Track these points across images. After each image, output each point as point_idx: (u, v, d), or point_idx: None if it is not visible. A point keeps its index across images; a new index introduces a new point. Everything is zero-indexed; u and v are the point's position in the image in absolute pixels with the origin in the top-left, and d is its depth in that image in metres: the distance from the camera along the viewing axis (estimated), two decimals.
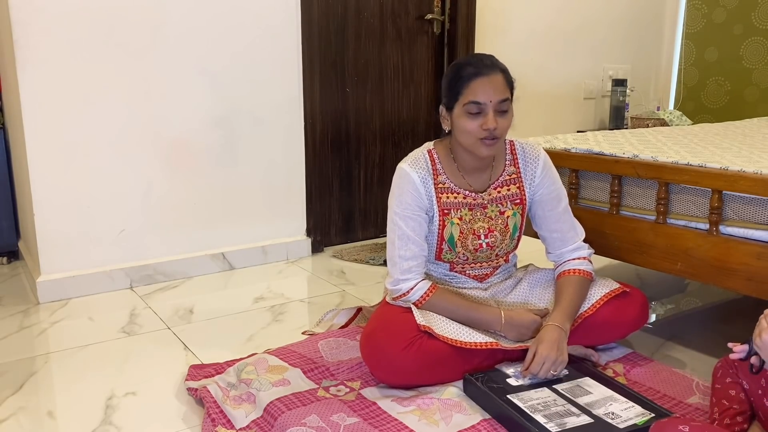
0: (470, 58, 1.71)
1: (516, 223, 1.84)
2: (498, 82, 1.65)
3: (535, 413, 1.47)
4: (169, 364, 1.92)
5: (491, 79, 1.65)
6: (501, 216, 1.82)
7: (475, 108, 1.65)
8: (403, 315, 1.69)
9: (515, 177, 1.84)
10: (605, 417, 1.46)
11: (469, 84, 1.65)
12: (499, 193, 1.83)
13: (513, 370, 1.65)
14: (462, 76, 1.66)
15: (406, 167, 1.77)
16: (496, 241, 1.82)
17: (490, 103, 1.64)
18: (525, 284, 1.91)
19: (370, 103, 3.24)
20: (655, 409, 1.48)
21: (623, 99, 3.99)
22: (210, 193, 2.76)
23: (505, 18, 3.63)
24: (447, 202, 1.78)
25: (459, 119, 1.68)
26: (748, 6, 3.99)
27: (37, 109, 2.35)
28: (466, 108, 1.65)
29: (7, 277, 2.76)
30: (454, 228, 1.78)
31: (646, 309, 1.88)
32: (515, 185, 1.84)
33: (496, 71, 1.66)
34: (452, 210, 1.78)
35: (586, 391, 1.57)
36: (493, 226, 1.81)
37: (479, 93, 1.64)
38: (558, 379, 1.63)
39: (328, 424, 1.48)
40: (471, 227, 1.79)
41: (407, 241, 1.75)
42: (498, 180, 1.83)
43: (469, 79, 1.65)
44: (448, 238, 1.79)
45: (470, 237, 1.80)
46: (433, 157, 1.79)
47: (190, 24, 2.60)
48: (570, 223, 1.89)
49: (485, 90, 1.64)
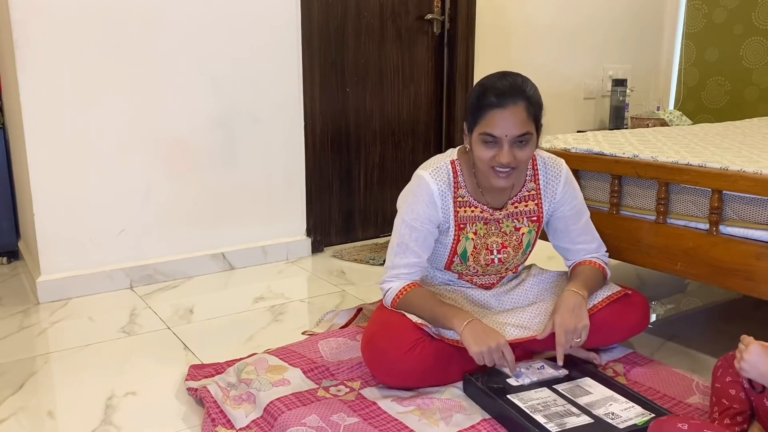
0: (496, 80, 1.60)
1: (530, 240, 1.82)
2: (519, 116, 1.56)
3: (535, 413, 1.47)
4: (169, 364, 1.92)
5: (512, 111, 1.55)
6: (516, 232, 1.79)
7: (490, 139, 1.59)
8: (404, 318, 1.68)
9: (534, 193, 1.80)
10: (605, 417, 1.45)
11: (487, 114, 1.57)
12: (516, 209, 1.79)
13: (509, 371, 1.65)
14: (483, 103, 1.58)
15: (427, 177, 1.70)
16: (508, 257, 1.80)
17: (506, 137, 1.57)
18: (527, 284, 1.90)
19: (370, 103, 3.24)
20: (655, 409, 1.48)
21: (623, 99, 3.99)
22: (210, 193, 2.76)
23: (505, 18, 3.63)
24: (464, 216, 1.74)
25: (475, 145, 1.63)
26: (748, 6, 3.99)
27: (37, 109, 2.35)
28: (482, 137, 1.60)
29: (7, 277, 2.76)
30: (468, 243, 1.76)
31: (648, 313, 1.88)
32: (533, 201, 1.80)
33: (518, 102, 1.56)
34: (468, 224, 1.75)
35: (586, 392, 1.57)
36: (506, 242, 1.78)
37: (495, 126, 1.56)
38: (558, 379, 1.63)
39: (328, 424, 1.48)
40: (485, 242, 1.77)
41: (405, 249, 1.73)
42: (517, 195, 1.79)
43: (489, 109, 1.56)
44: (461, 253, 1.77)
45: (483, 252, 1.77)
46: (455, 168, 1.74)
47: (190, 24, 2.60)
48: (592, 235, 1.88)
49: (503, 124, 1.56)
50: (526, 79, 1.63)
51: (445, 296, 1.82)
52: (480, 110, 1.59)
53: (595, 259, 1.86)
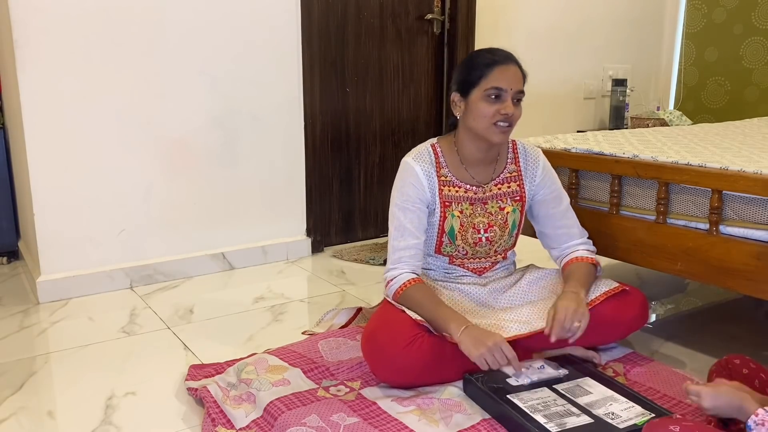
0: (489, 49, 1.77)
1: (515, 220, 1.87)
2: (516, 73, 1.73)
3: (535, 413, 1.47)
4: (169, 364, 1.92)
5: (510, 68, 1.72)
6: (501, 212, 1.85)
7: (496, 93, 1.70)
8: (403, 315, 1.69)
9: (516, 175, 1.88)
10: (605, 417, 1.46)
11: (492, 70, 1.70)
12: (500, 190, 1.86)
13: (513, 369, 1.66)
14: (483, 63, 1.72)
15: (410, 160, 1.82)
16: (495, 236, 1.85)
17: (510, 90, 1.71)
18: (524, 282, 1.91)
19: (370, 103, 3.24)
20: (655, 409, 1.48)
21: (623, 99, 3.99)
22: (210, 193, 2.76)
23: (505, 18, 3.63)
24: (449, 195, 1.81)
25: (477, 104, 1.73)
26: (748, 6, 3.99)
27: (37, 109, 2.35)
28: (487, 93, 1.71)
29: (7, 277, 2.76)
30: (455, 221, 1.81)
31: (646, 308, 1.88)
32: (516, 183, 1.88)
33: (514, 63, 1.74)
34: (453, 203, 1.81)
35: (586, 391, 1.57)
36: (492, 222, 1.84)
37: (501, 79, 1.70)
38: (558, 379, 1.63)
39: (328, 424, 1.48)
40: (471, 221, 1.82)
41: (403, 231, 1.78)
42: (499, 177, 1.87)
43: (491, 66, 1.71)
44: (449, 231, 1.81)
45: (470, 231, 1.82)
46: (436, 150, 1.84)
47: (190, 24, 2.60)
48: (574, 219, 1.94)
49: (506, 77, 1.71)
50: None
51: (443, 293, 1.83)
52: (483, 69, 1.72)
53: (583, 253, 1.88)
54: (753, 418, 1.23)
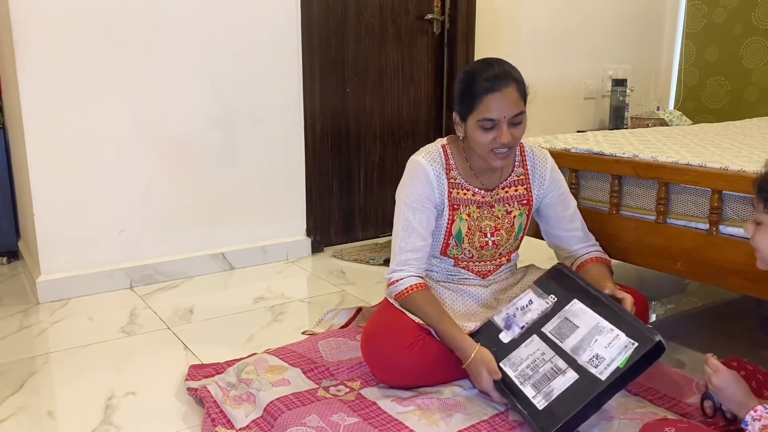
0: (484, 68, 1.66)
1: (521, 224, 1.86)
2: (512, 96, 1.63)
3: (524, 384, 1.49)
4: (169, 364, 1.92)
5: (505, 93, 1.62)
6: (508, 216, 1.83)
7: (489, 124, 1.64)
8: (404, 317, 1.69)
9: (523, 178, 1.86)
10: (589, 365, 1.45)
11: (483, 100, 1.62)
12: (507, 193, 1.84)
13: (504, 315, 1.67)
14: (476, 90, 1.63)
15: (421, 159, 1.77)
16: (501, 240, 1.84)
17: (504, 118, 1.63)
18: (525, 283, 1.91)
19: (370, 103, 3.24)
20: (639, 332, 1.45)
21: (623, 99, 3.99)
22: (210, 193, 2.76)
23: (505, 18, 3.63)
24: (457, 198, 1.79)
25: (472, 131, 1.68)
26: (748, 6, 3.99)
27: (37, 109, 2.35)
28: (480, 123, 1.64)
29: (7, 277, 2.76)
30: (463, 224, 1.79)
31: (647, 310, 1.88)
32: (523, 186, 1.85)
33: (509, 84, 1.63)
34: (461, 206, 1.80)
35: (573, 326, 1.55)
36: (499, 225, 1.83)
37: (493, 110, 1.62)
38: (546, 315, 1.62)
39: (328, 424, 1.48)
40: (478, 224, 1.81)
41: (411, 232, 1.75)
42: (506, 180, 1.84)
43: (484, 95, 1.62)
44: (456, 234, 1.80)
45: (477, 234, 1.81)
46: (447, 152, 1.81)
47: (190, 24, 2.60)
48: (581, 222, 1.93)
49: (499, 106, 1.62)
50: (507, 62, 1.70)
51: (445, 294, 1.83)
52: (475, 97, 1.64)
53: (595, 254, 1.88)
54: (751, 413, 1.24)
